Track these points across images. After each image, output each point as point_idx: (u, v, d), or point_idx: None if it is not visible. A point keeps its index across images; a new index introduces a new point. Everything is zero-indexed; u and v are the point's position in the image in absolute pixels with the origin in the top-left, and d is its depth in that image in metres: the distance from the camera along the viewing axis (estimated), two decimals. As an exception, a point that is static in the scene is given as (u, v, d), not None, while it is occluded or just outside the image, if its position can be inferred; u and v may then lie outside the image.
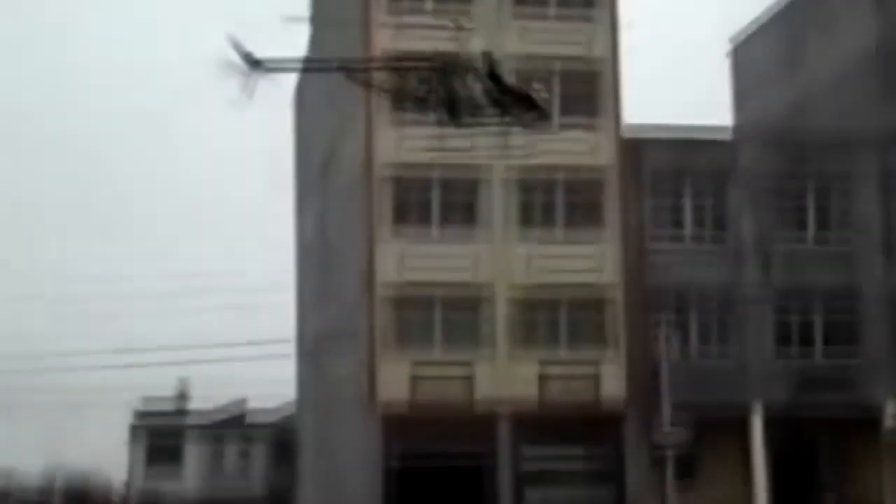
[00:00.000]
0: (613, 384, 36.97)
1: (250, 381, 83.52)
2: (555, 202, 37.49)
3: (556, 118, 35.26)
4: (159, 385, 63.29)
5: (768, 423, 37.37)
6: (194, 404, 60.81)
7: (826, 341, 38.46)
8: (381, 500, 35.10)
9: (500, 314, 36.72)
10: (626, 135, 37.89)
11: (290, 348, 49.92)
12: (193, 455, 58.91)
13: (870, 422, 37.79)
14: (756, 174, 38.41)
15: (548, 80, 37.27)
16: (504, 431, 36.16)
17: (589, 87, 37.76)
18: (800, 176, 38.74)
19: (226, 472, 58.84)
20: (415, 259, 36.16)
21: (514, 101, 18.74)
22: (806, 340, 38.35)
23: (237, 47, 18.01)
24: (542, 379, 36.70)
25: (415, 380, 36.07)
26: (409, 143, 36.12)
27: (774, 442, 38.19)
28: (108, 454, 55.78)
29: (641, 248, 37.80)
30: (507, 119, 19.26)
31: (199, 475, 57.76)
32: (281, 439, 55.52)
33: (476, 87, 18.50)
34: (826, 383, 37.71)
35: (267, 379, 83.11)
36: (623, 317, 37.30)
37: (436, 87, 18.59)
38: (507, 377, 36.40)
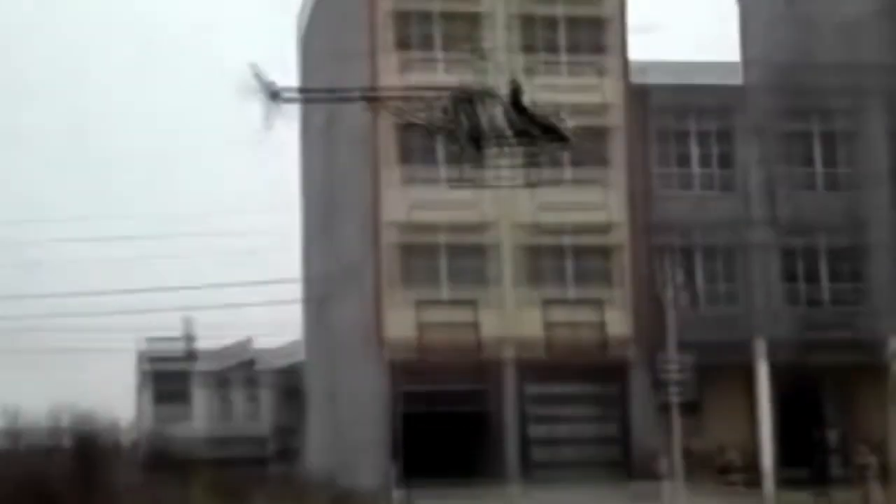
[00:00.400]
0: (619, 327, 37.08)
1: (255, 323, 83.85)
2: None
3: (563, 58, 35.23)
4: (164, 327, 63.66)
5: (773, 364, 37.49)
6: (200, 345, 61.11)
7: (832, 281, 38.54)
8: (388, 441, 35.32)
9: (506, 258, 36.75)
10: (633, 75, 37.79)
11: (296, 291, 50.01)
12: (201, 397, 59.28)
13: (874, 362, 37.92)
14: (763, 116, 38.37)
15: (553, 22, 37.41)
16: (509, 374, 36.33)
17: (595, 30, 37.66)
18: (806, 117, 38.73)
19: (234, 414, 59.25)
20: (420, 201, 36.09)
21: (539, 131, 18.80)
22: (812, 281, 38.43)
23: (258, 77, 18.06)
24: (548, 322, 36.80)
25: (421, 323, 36.15)
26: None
27: (779, 382, 38.35)
28: (115, 396, 56.07)
29: (647, 191, 37.79)
30: (531, 149, 19.36)
31: (207, 417, 58.14)
32: (288, 382, 55.78)
33: (500, 117, 18.54)
34: (831, 323, 37.80)
35: (272, 321, 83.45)
36: (629, 259, 37.38)
37: (461, 118, 18.64)
38: (512, 321, 36.47)
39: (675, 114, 38.31)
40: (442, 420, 36.43)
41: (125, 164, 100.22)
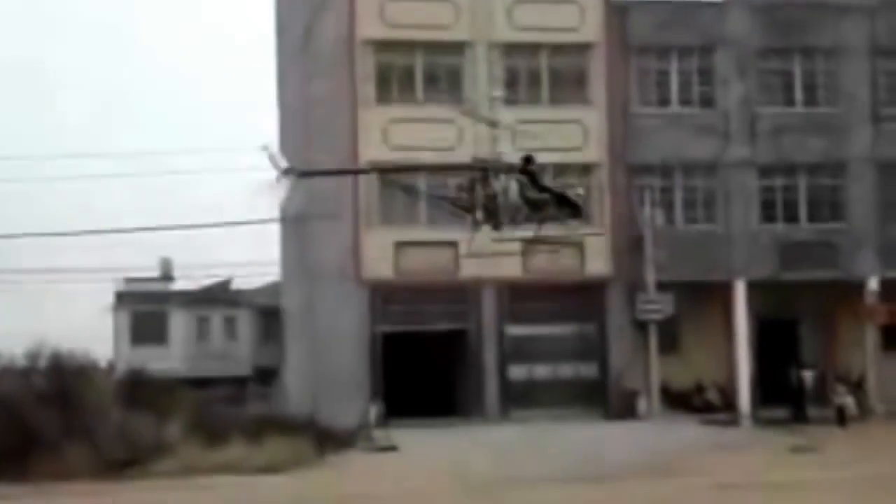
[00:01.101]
0: (598, 255, 37.07)
1: (234, 263, 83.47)
2: (539, 69, 37.23)
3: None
4: (141, 266, 63.32)
5: (752, 293, 37.59)
6: (178, 285, 60.91)
7: (811, 211, 38.55)
8: (368, 368, 35.38)
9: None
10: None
11: (274, 230, 49.68)
12: (178, 333, 59.15)
13: (852, 291, 38.03)
14: (743, 40, 38.08)
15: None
16: (489, 314, 36.32)
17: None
18: (787, 43, 38.44)
19: (211, 349, 59.15)
20: (399, 127, 35.98)
21: (553, 201, 18.82)
22: (791, 209, 38.43)
23: (273, 161, 18.14)
24: (527, 250, 36.78)
25: (399, 251, 36.18)
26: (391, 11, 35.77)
27: (758, 322, 38.49)
28: (92, 334, 55.83)
29: (627, 116, 37.59)
30: (545, 220, 19.41)
31: (185, 353, 58.05)
32: (266, 316, 55.69)
33: (516, 192, 18.53)
34: (810, 254, 37.85)
35: (251, 261, 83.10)
36: (608, 185, 37.28)
37: (475, 192, 18.66)
38: (492, 260, 36.41)
39: (657, 52, 38.01)
40: (421, 343, 36.54)
41: (106, 97, 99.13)
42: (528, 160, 18.74)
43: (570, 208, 19.00)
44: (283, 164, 18.22)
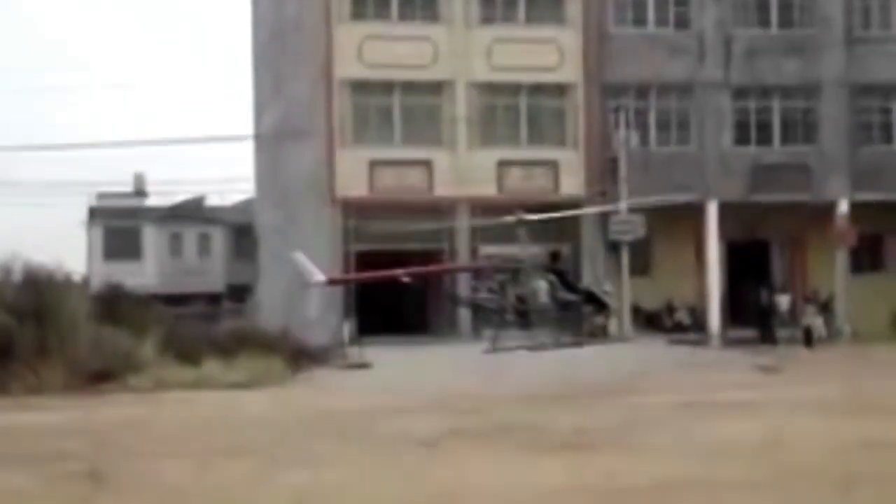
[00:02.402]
0: (573, 176, 37.20)
1: (207, 180, 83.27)
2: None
3: None
4: (113, 182, 63.08)
5: (723, 215, 37.85)
6: (152, 202, 60.71)
7: (784, 133, 38.70)
8: (342, 299, 35.48)
9: (460, 103, 36.64)
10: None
11: (248, 146, 49.55)
12: (152, 249, 59.05)
13: (823, 213, 38.33)
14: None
15: None
16: (463, 235, 36.44)
17: None
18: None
19: (185, 266, 59.13)
20: (374, 45, 35.80)
21: (583, 300, 18.82)
22: (764, 132, 38.58)
23: (304, 271, 20.71)
24: (502, 171, 36.86)
25: (374, 169, 36.20)
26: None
27: (729, 244, 38.80)
28: (65, 250, 55.73)
29: (603, 36, 37.47)
30: (575, 319, 19.47)
31: (158, 270, 58.01)
32: (240, 233, 55.69)
33: (543, 289, 18.43)
34: (782, 176, 38.08)
35: (225, 178, 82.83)
36: (583, 105, 37.29)
37: (507, 294, 18.61)
38: (466, 169, 36.54)
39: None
40: (396, 260, 36.66)
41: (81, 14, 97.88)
42: (554, 257, 18.83)
43: (598, 305, 19.19)
44: (315, 272, 18.58)
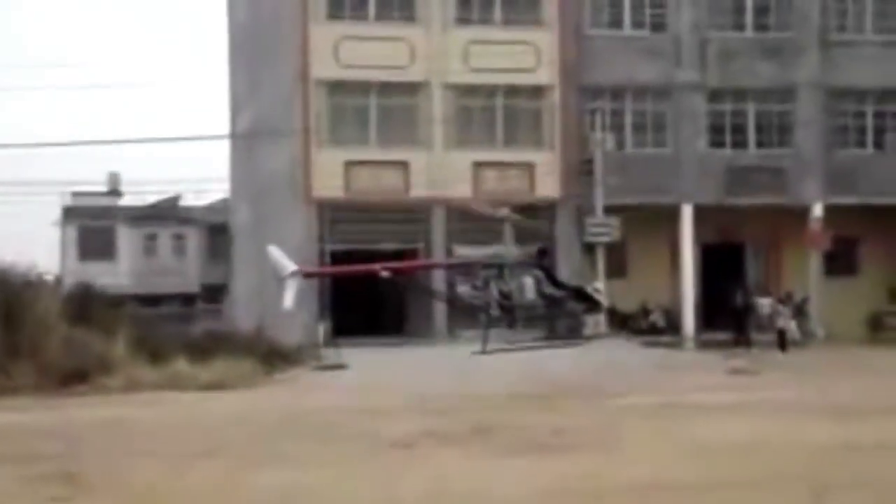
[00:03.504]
0: (548, 177, 37.20)
1: (183, 180, 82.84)
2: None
3: None
4: (88, 181, 62.69)
5: (698, 217, 37.96)
6: (126, 201, 60.42)
7: (759, 136, 38.83)
8: (317, 287, 35.38)
9: (437, 104, 36.59)
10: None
11: (224, 146, 49.37)
12: (126, 249, 58.78)
13: (797, 217, 38.47)
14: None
15: None
16: (438, 235, 36.40)
17: None
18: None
19: (160, 266, 58.89)
20: (350, 46, 35.72)
21: (571, 297, 18.68)
22: (739, 134, 38.69)
23: (279, 263, 19.39)
24: (477, 172, 36.83)
25: (349, 170, 36.13)
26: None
27: (704, 247, 38.91)
28: (39, 252, 55.38)
29: (579, 38, 37.51)
30: (561, 317, 19.33)
31: (133, 270, 57.75)
32: (215, 233, 55.50)
33: (529, 286, 18.28)
34: (757, 179, 38.22)
35: (200, 177, 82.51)
36: (559, 107, 37.31)
37: (489, 290, 18.45)
38: (442, 170, 36.50)
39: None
40: (370, 261, 36.52)
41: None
42: (542, 253, 18.70)
43: (588, 303, 19.08)
44: (290, 265, 18.54)
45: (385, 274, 20.34)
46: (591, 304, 19.55)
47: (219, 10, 49.30)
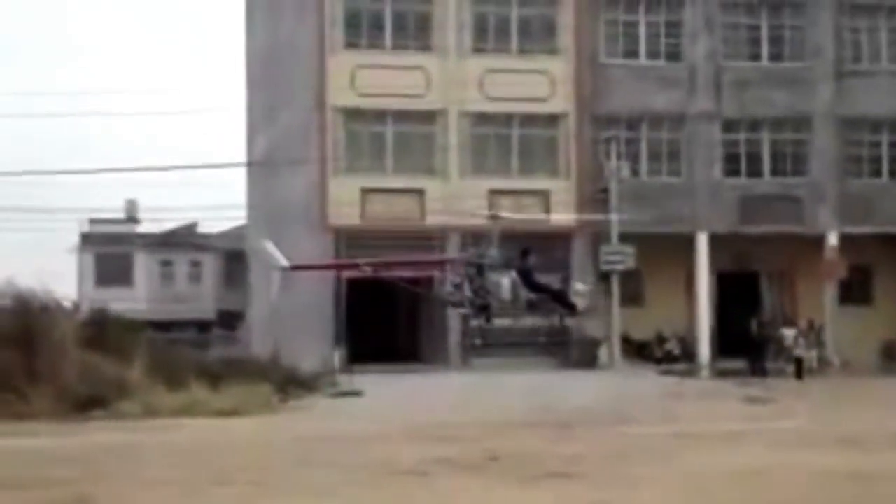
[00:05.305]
0: (563, 205, 37.26)
1: (199, 207, 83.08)
2: (509, 20, 37.29)
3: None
4: (106, 208, 63.00)
5: (713, 245, 37.98)
6: (143, 228, 60.75)
7: (773, 165, 38.88)
8: (332, 314, 35.56)
9: (452, 132, 36.74)
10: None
11: (241, 172, 49.60)
12: (143, 276, 59.08)
13: (812, 245, 38.45)
14: (711, 8, 38.26)
15: None
16: (453, 248, 36.44)
17: None
18: (754, 10, 38.67)
19: (176, 293, 59.14)
20: (367, 74, 35.95)
21: (548, 298, 18.81)
22: (754, 163, 38.75)
23: (269, 255, 20.03)
24: (493, 200, 36.90)
25: (366, 197, 36.26)
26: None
27: (720, 275, 38.91)
28: (57, 278, 55.64)
29: (595, 67, 37.68)
30: (537, 316, 19.44)
31: (149, 296, 58.02)
32: (231, 260, 55.72)
33: (506, 287, 18.43)
34: (771, 208, 38.25)
35: (217, 205, 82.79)
36: (574, 135, 37.44)
37: (470, 289, 18.62)
38: (457, 197, 36.58)
39: (625, 4, 38.08)
40: (385, 306, 36.63)
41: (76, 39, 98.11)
42: (524, 254, 18.77)
43: (566, 307, 19.15)
44: (283, 260, 18.76)
45: (367, 270, 20.77)
46: (568, 307, 19.54)
47: (237, 39, 49.71)
